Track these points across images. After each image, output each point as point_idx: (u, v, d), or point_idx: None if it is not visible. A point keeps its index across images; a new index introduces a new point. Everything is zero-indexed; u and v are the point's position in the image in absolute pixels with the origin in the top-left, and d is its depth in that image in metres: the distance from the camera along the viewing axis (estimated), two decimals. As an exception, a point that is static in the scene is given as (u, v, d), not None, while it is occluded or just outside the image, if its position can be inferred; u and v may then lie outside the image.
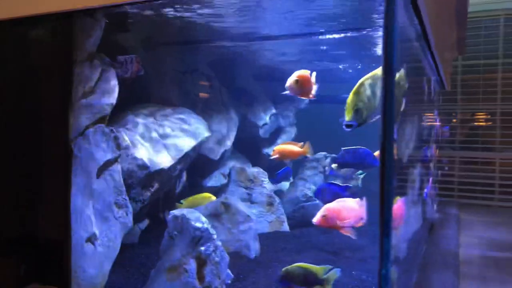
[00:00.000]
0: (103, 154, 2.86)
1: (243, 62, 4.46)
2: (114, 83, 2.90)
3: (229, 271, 2.93)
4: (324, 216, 2.38)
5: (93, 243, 2.83)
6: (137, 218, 3.55)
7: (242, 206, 3.55)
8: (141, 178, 3.09)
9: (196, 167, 4.04)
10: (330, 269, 2.40)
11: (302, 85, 2.75)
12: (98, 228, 2.85)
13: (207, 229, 2.71)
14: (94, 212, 2.87)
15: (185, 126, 3.47)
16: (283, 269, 2.48)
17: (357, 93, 2.08)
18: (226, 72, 4.30)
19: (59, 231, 2.88)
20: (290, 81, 2.74)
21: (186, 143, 3.38)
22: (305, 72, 2.81)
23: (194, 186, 4.19)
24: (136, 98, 3.33)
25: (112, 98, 2.88)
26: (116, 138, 2.86)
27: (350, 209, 2.45)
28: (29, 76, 2.87)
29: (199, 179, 4.35)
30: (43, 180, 2.94)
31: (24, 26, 2.92)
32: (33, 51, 2.98)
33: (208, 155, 4.13)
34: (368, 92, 2.09)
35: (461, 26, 4.75)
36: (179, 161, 3.31)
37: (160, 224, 3.50)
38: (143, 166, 3.06)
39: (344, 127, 2.01)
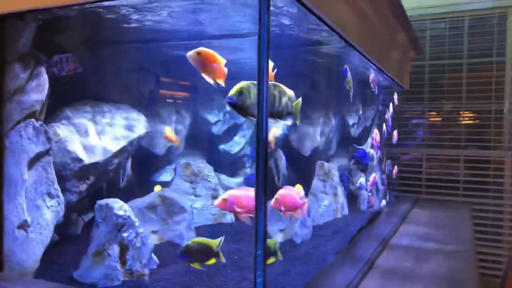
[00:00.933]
0: (34, 147, 3.05)
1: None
2: (44, 81, 3.09)
3: (154, 257, 3.10)
4: (224, 200, 2.55)
5: (25, 230, 3.03)
6: (78, 210, 3.76)
7: (180, 199, 3.73)
8: (75, 170, 3.29)
9: (142, 162, 4.26)
10: (222, 240, 2.68)
11: (205, 61, 2.58)
12: (31, 216, 3.03)
13: (129, 216, 2.92)
14: (27, 201, 3.04)
15: (123, 122, 3.67)
16: (183, 244, 2.68)
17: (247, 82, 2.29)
18: (175, 71, 4.53)
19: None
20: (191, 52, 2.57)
21: (122, 138, 3.56)
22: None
23: (142, 180, 4.40)
24: (76, 95, 3.53)
25: (42, 94, 3.08)
26: (46, 132, 3.06)
27: (249, 198, 2.61)
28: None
29: (147, 174, 4.56)
30: None
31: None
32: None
33: (153, 150, 4.34)
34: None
35: (405, 27, 4.93)
36: (115, 155, 3.50)
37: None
38: (77, 159, 3.26)
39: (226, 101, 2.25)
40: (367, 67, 5.59)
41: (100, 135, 3.53)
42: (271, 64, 2.73)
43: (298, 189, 3.10)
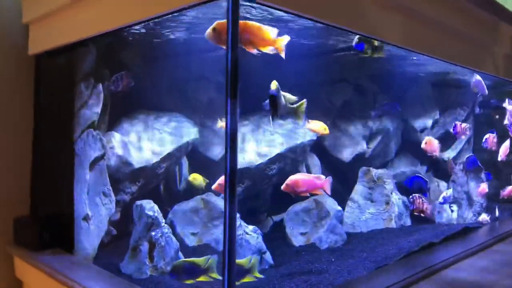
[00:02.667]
0: (93, 152, 3.73)
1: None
2: (100, 96, 3.76)
3: (181, 255, 3.49)
4: (287, 185, 3.37)
5: (87, 222, 3.73)
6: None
7: (333, 205, 4.22)
8: (127, 173, 3.91)
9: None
10: (209, 258, 2.88)
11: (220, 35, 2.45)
12: (91, 211, 3.72)
13: (156, 217, 3.40)
14: (88, 198, 3.75)
15: (172, 130, 4.21)
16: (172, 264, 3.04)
17: None
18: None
19: (68, 210, 3.85)
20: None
21: (170, 143, 4.11)
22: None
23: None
24: (132, 106, 4.18)
25: (98, 108, 3.75)
26: (101, 140, 3.71)
27: (307, 181, 3.40)
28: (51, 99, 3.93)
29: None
30: (60, 171, 3.94)
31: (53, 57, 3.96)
32: (57, 76, 4.00)
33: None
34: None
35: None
36: (163, 159, 4.06)
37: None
38: (127, 163, 3.89)
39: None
40: (446, 69, 5.41)
41: (150, 141, 4.11)
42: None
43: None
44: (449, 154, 6.13)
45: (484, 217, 5.55)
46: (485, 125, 6.78)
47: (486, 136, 5.27)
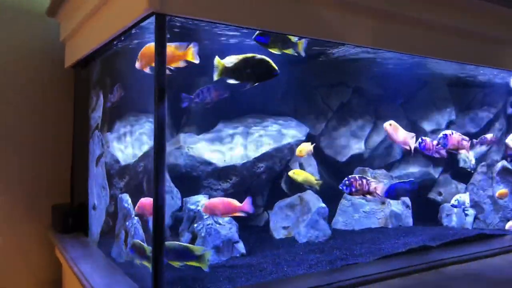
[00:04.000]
0: (98, 151, 4.32)
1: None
2: (101, 103, 4.35)
3: (239, 248, 3.83)
4: (206, 207, 3.55)
5: (95, 210, 4.32)
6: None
7: (314, 201, 4.40)
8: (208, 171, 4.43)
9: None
10: (205, 250, 3.25)
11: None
12: (97, 201, 4.32)
13: (198, 210, 3.85)
14: (95, 189, 4.34)
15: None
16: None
17: None
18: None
19: (85, 200, 4.46)
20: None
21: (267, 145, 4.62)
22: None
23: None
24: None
25: (100, 112, 4.32)
26: (101, 140, 4.28)
27: (226, 204, 3.52)
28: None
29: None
30: (82, 167, 4.58)
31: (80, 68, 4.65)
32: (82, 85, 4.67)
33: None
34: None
35: None
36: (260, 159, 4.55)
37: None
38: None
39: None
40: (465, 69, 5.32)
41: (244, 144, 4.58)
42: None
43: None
44: (469, 157, 5.92)
45: (510, 224, 5.28)
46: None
47: (446, 132, 4.47)
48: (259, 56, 3.22)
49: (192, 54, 2.99)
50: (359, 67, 4.91)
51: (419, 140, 4.41)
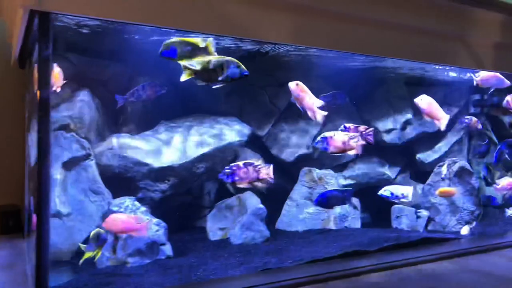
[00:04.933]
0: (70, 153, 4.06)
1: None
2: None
3: (166, 250, 3.78)
4: (106, 221, 3.43)
5: (60, 218, 3.97)
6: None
7: (250, 202, 4.37)
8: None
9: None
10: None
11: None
12: (70, 208, 3.98)
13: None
14: (67, 195, 4.00)
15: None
16: None
17: None
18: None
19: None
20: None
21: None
22: None
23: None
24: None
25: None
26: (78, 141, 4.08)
27: (125, 222, 3.41)
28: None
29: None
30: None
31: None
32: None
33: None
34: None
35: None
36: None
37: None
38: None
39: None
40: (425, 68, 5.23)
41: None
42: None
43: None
44: (427, 157, 5.80)
45: (466, 228, 5.13)
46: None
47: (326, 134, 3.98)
48: (227, 57, 3.18)
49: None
50: (309, 65, 4.83)
51: (341, 127, 4.21)
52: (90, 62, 4.24)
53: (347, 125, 4.16)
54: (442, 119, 4.43)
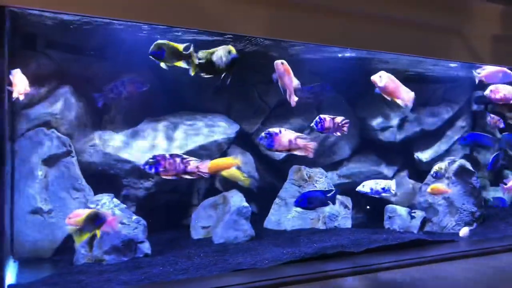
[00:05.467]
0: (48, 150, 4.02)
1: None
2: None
3: (144, 248, 3.74)
4: (69, 217, 3.25)
5: (41, 215, 3.98)
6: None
7: (235, 201, 4.27)
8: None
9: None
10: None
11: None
12: (51, 205, 3.98)
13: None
14: (48, 193, 3.99)
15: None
16: None
17: None
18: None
19: None
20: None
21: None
22: None
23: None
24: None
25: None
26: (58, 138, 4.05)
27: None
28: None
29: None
30: None
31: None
32: None
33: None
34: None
35: None
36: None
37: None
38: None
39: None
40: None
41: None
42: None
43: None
44: (426, 155, 5.59)
45: (466, 230, 4.88)
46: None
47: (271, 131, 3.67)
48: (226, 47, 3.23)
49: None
50: (299, 63, 4.71)
51: (317, 119, 3.98)
52: (71, 58, 4.18)
53: (322, 116, 3.98)
54: (407, 97, 3.85)
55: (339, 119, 4.04)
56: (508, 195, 5.73)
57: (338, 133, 4.07)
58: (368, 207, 5.24)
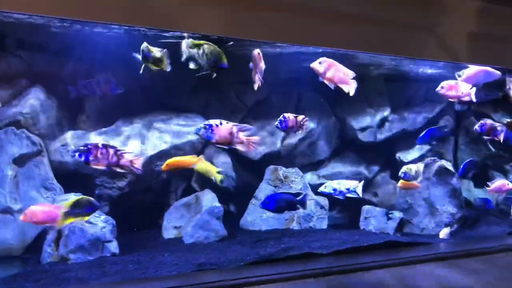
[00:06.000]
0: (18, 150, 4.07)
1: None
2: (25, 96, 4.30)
3: (111, 247, 3.73)
4: (25, 214, 3.27)
5: (11, 214, 4.00)
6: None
7: (207, 200, 4.27)
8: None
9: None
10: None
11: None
12: (20, 204, 3.99)
13: None
14: (17, 192, 4.02)
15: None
16: None
17: None
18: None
19: None
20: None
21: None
22: None
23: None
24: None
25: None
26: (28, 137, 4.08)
27: (47, 212, 3.28)
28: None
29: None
30: None
31: None
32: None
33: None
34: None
35: None
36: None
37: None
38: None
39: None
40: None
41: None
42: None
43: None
44: (410, 156, 5.53)
45: (445, 231, 4.80)
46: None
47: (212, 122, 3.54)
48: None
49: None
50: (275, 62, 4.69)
51: (281, 117, 3.92)
52: (42, 58, 4.20)
53: (286, 115, 3.93)
54: (350, 83, 3.73)
55: (300, 117, 4.00)
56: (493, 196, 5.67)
57: (300, 132, 4.03)
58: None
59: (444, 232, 4.80)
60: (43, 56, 4.19)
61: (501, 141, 4.85)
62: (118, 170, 3.36)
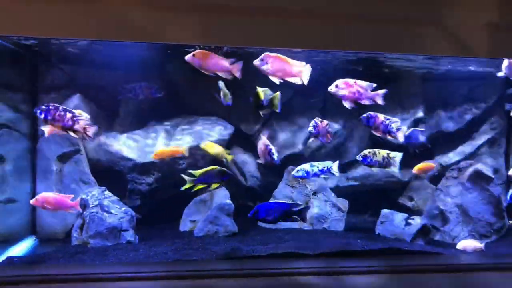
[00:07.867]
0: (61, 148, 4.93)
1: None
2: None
3: (127, 236, 4.20)
4: (36, 199, 3.84)
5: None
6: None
7: (221, 198, 4.61)
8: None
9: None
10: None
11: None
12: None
13: (87, 200, 4.30)
14: (61, 185, 4.80)
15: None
16: None
17: None
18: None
19: None
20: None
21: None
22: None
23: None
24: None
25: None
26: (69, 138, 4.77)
27: (58, 200, 3.86)
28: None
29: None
30: None
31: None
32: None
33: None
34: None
35: None
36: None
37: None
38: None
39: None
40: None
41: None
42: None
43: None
44: (446, 159, 5.14)
45: (475, 243, 4.22)
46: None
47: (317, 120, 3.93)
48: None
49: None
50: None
51: (313, 123, 3.99)
52: (82, 71, 4.83)
53: (317, 120, 4.01)
54: (301, 71, 3.49)
55: (325, 122, 4.07)
56: None
57: (328, 139, 4.11)
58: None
59: (462, 245, 4.24)
60: (83, 69, 4.82)
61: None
62: (72, 134, 3.54)
